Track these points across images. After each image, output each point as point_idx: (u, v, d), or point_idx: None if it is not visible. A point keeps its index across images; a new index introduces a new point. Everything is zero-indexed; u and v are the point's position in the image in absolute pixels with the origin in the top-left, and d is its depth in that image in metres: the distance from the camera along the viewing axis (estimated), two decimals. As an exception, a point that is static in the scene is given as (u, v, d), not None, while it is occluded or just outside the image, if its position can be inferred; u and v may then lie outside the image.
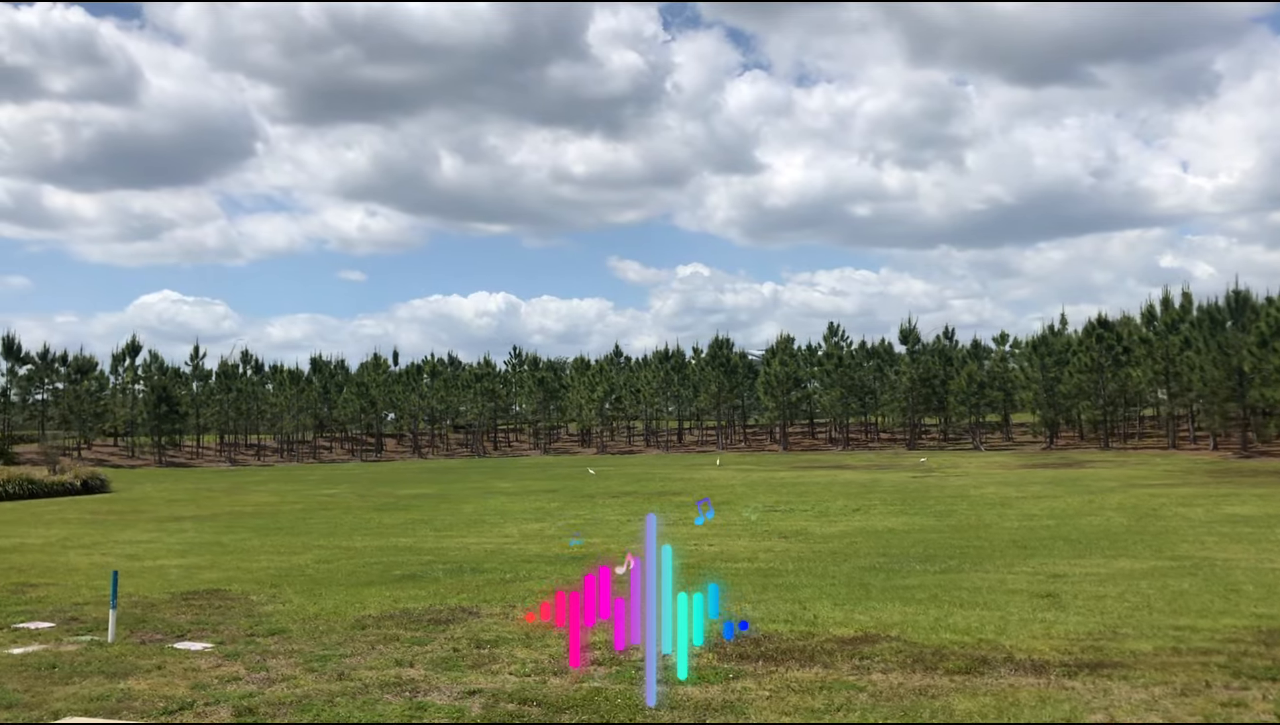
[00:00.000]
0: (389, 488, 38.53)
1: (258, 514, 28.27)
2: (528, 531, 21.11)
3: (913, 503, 24.81)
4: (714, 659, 8.06)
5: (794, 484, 33.06)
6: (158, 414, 64.44)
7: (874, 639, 8.66)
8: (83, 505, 33.37)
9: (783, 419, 64.80)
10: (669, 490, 31.76)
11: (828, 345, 71.38)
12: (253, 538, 21.32)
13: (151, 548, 19.81)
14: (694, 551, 16.50)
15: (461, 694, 7.18)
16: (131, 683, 7.76)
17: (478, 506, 28.24)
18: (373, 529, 22.62)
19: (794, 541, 17.66)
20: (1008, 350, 67.09)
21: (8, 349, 64.32)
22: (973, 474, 36.06)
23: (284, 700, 7.10)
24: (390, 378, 75.20)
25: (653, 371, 69.83)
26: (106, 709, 7.04)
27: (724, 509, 24.89)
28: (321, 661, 8.38)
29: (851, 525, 20.07)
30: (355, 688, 7.40)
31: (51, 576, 15.39)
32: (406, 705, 6.89)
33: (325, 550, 18.42)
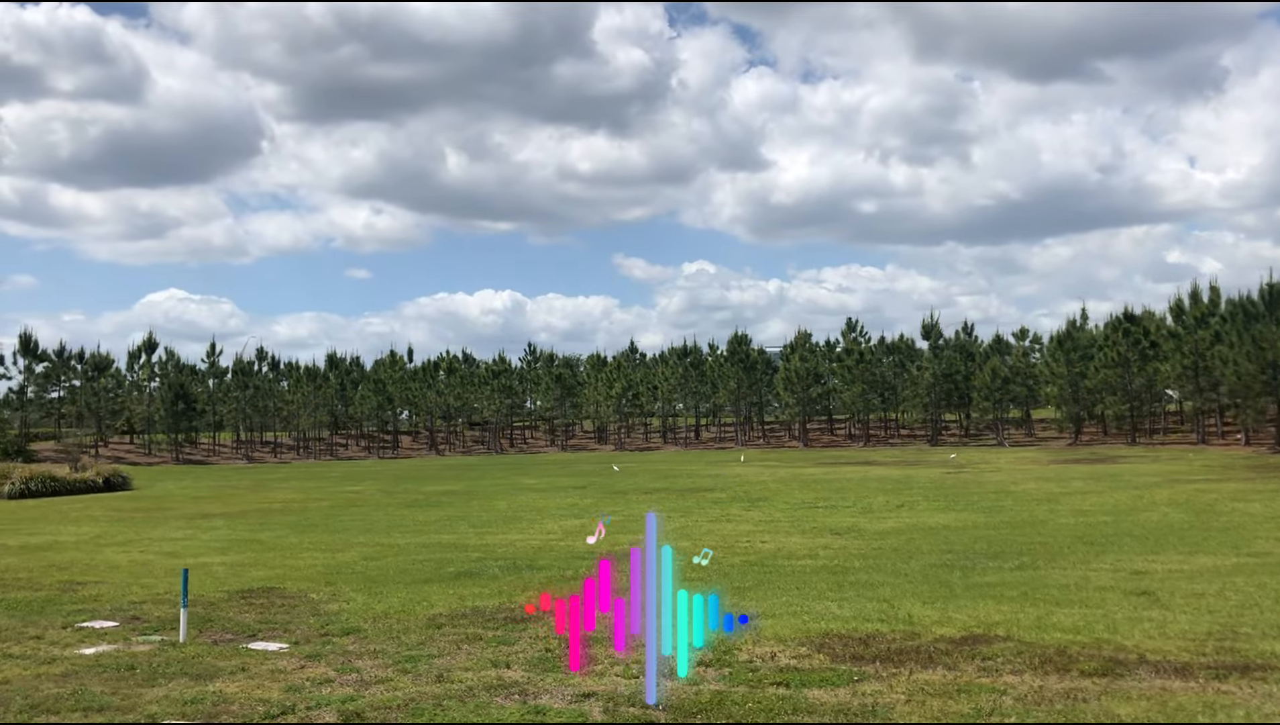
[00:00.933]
0: (414, 484, 38.21)
1: (286, 511, 27.96)
2: (568, 528, 20.75)
3: (956, 499, 24.41)
4: (827, 659, 7.68)
5: (826, 480, 32.66)
6: (175, 411, 64.21)
7: (985, 639, 8.27)
8: (107, 503, 33.12)
9: (803, 415, 64.34)
10: (700, 487, 31.39)
11: (846, 341, 70.91)
12: (290, 535, 21.02)
13: (189, 545, 19.51)
14: (749, 548, 16.13)
15: (574, 697, 6.83)
16: (219, 685, 7.41)
17: (510, 503, 27.90)
18: (410, 526, 22.30)
19: (848, 538, 17.28)
20: (1027, 345, 66.58)
21: (24, 346, 64.15)
22: (1005, 470, 35.62)
23: (389, 704, 6.75)
24: (406, 375, 74.91)
25: (670, 368, 69.38)
26: (203, 712, 6.70)
27: (761, 505, 24.52)
28: (411, 662, 8.03)
29: (901, 522, 19.68)
30: (460, 690, 7.05)
31: (95, 574, 15.09)
32: (522, 709, 6.54)
33: (368, 547, 18.09)
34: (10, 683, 7.75)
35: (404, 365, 76.94)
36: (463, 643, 8.88)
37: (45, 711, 6.84)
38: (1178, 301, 51.94)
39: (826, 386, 64.05)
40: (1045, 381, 57.01)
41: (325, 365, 74.88)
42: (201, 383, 69.59)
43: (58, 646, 9.22)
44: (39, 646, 9.22)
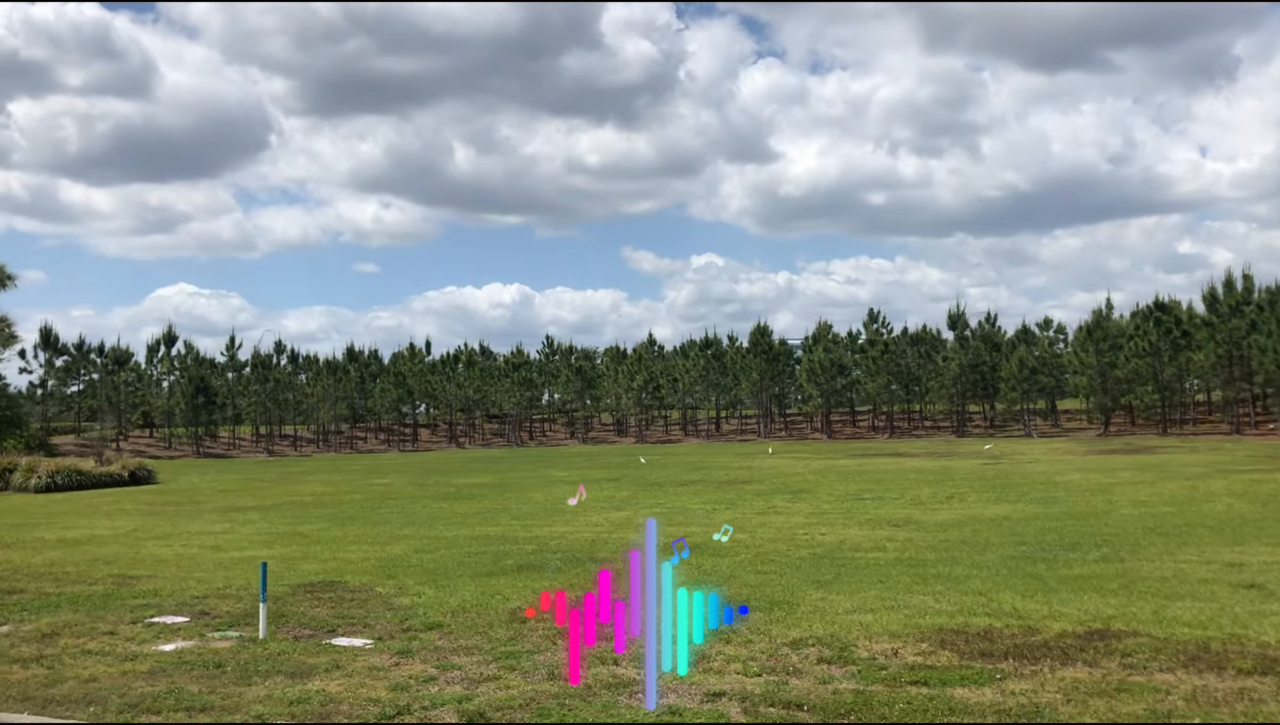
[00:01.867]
0: (442, 477, 37.90)
1: (319, 504, 27.66)
2: (615, 520, 20.39)
3: (1005, 490, 23.97)
4: (954, 656, 7.30)
5: (863, 472, 32.24)
6: (195, 405, 64.05)
7: (1110, 635, 7.89)
8: (136, 496, 32.86)
9: (826, 407, 63.89)
10: (736, 479, 31.00)
11: (868, 332, 70.43)
12: (331, 528, 20.70)
13: (231, 539, 19.21)
14: (810, 540, 15.74)
15: (704, 696, 6.47)
16: (319, 684, 7.07)
17: (546, 495, 27.56)
18: (451, 518, 21.96)
19: (908, 530, 16.86)
20: (1051, 335, 66.01)
21: (45, 340, 64.04)
22: (1043, 460, 35.16)
23: (508, 703, 6.41)
24: (425, 368, 74.66)
25: (691, 360, 68.99)
26: (312, 712, 6.36)
27: (804, 497, 24.12)
28: (513, 658, 7.70)
29: (956, 514, 19.26)
30: (577, 689, 6.69)
31: (144, 568, 14.79)
32: (654, 709, 6.16)
33: (416, 540, 17.75)
34: (98, 680, 7.43)
35: (423, 358, 76.69)
36: (555, 637, 8.52)
37: (146, 711, 6.51)
38: (1210, 290, 51.30)
39: (850, 378, 63.52)
40: (1074, 372, 56.40)
41: (344, 358, 74.68)
42: (220, 376, 69.43)
43: (134, 643, 8.91)
44: (115, 643, 8.90)
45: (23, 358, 64.42)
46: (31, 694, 7.07)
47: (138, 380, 67.11)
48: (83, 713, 6.51)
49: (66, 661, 8.09)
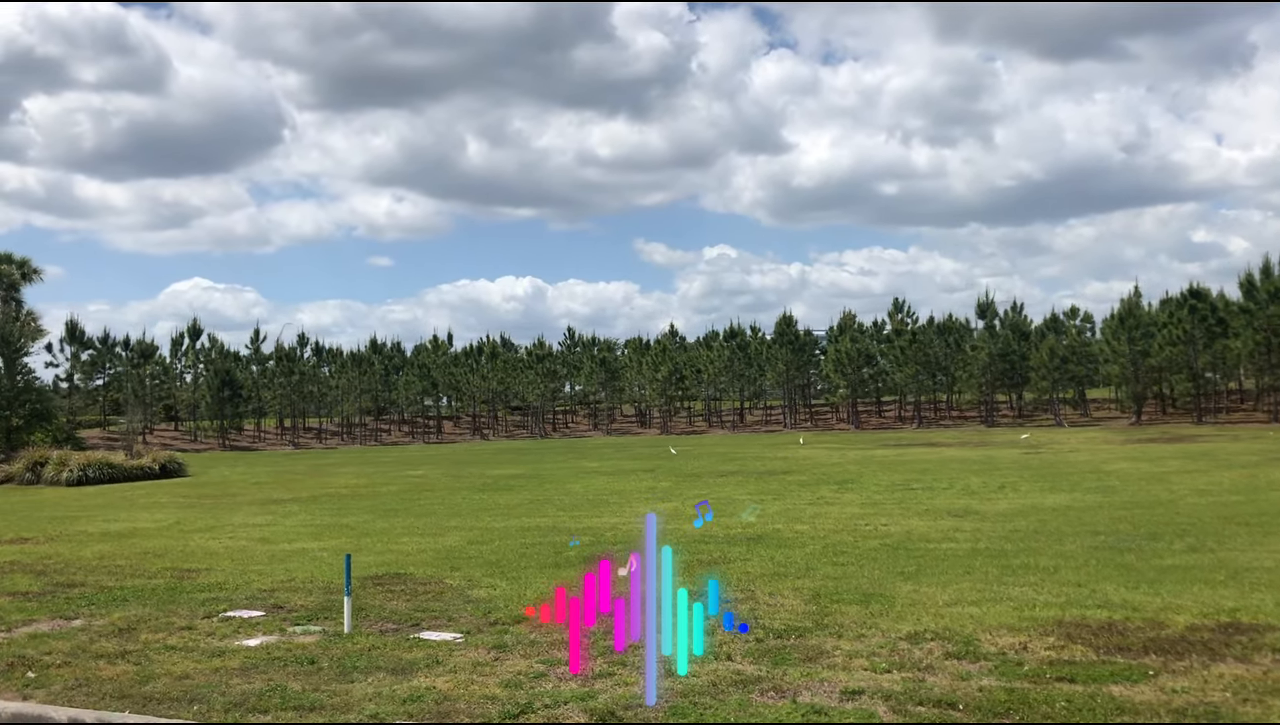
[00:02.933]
0: (474, 468, 37.67)
1: (356, 496, 27.44)
2: (662, 511, 20.07)
3: (1056, 479, 23.56)
4: (1089, 651, 6.95)
5: (903, 462, 31.85)
6: (221, 398, 64.03)
7: (1245, 628, 7.55)
8: (169, 489, 32.73)
9: (853, 397, 63.44)
10: (774, 469, 30.65)
11: (893, 322, 69.89)
12: (375, 519, 20.46)
13: (277, 531, 18.98)
14: (874, 531, 15.37)
15: (841, 694, 6.16)
16: (425, 680, 6.78)
17: (585, 486, 27.27)
18: (496, 509, 21.69)
19: (970, 520, 16.49)
20: (1078, 324, 65.34)
21: (70, 333, 64.08)
22: (1084, 449, 34.68)
23: (634, 700, 6.09)
24: (448, 360, 74.51)
25: (716, 351, 68.57)
26: (429, 711, 6.07)
27: (851, 487, 23.76)
28: (615, 652, 7.34)
29: (1015, 503, 18.86)
30: (700, 686, 6.39)
31: (198, 561, 14.57)
32: (793, 708, 5.87)
33: (467, 532, 17.48)
34: (191, 677, 7.15)
35: (446, 350, 76.53)
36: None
37: (253, 710, 6.23)
38: (1248, 276, 50.61)
39: (877, 368, 62.98)
40: (1105, 360, 55.73)
41: (368, 350, 74.60)
42: (245, 369, 69.42)
43: (215, 638, 8.64)
44: (195, 638, 8.64)
45: (49, 352, 64.59)
46: (127, 691, 6.79)
47: (163, 373, 67.13)
48: (187, 711, 6.24)
49: (153, 657, 7.83)
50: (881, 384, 64.75)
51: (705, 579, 11.25)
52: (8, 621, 9.74)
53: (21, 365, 48.40)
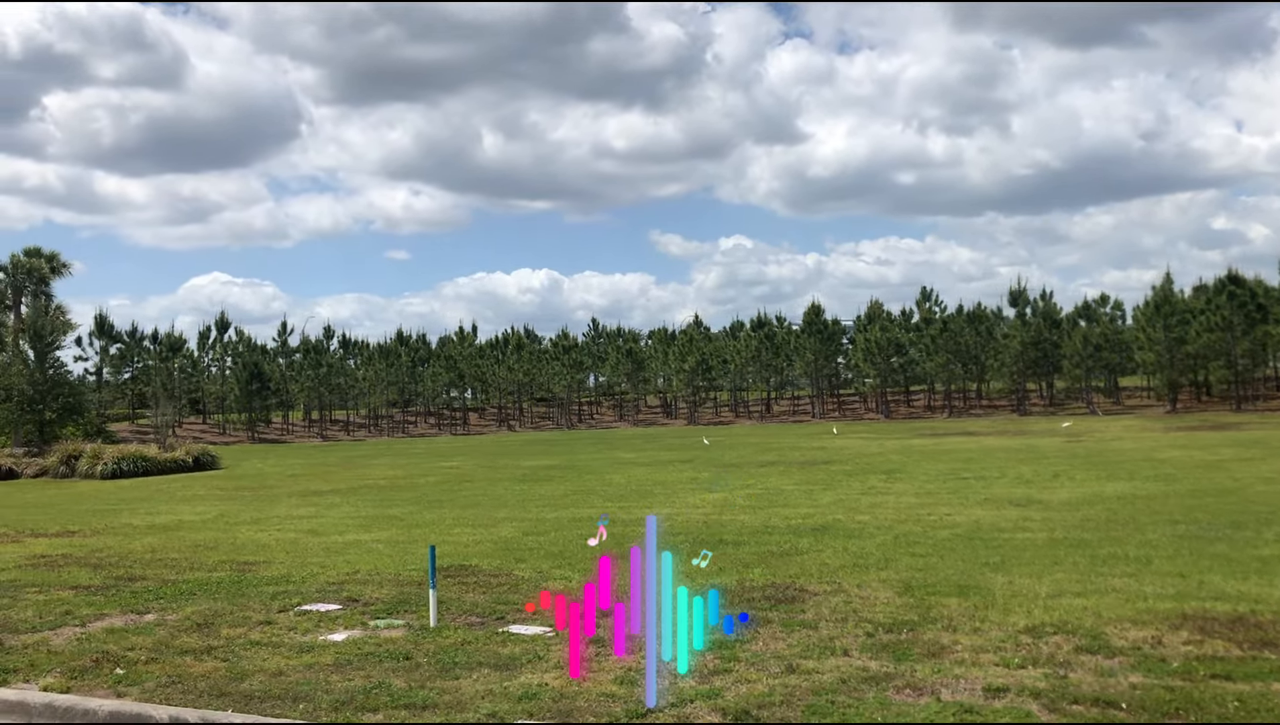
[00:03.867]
0: (508, 460, 37.46)
1: (396, 487, 27.25)
2: (713, 502, 19.78)
3: (1110, 468, 23.12)
4: (1230, 646, 6.61)
5: (945, 451, 31.44)
6: (249, 391, 64.08)
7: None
8: (205, 482, 32.65)
9: (884, 386, 62.95)
10: (814, 459, 30.29)
11: (921, 311, 69.32)
12: (421, 511, 20.25)
13: (325, 523, 18.79)
14: (939, 521, 15.02)
15: (984, 691, 5.83)
16: (532, 677, 6.52)
17: (625, 477, 26.99)
18: (541, 500, 21.43)
19: (1037, 509, 16.11)
20: (1109, 311, 64.57)
21: (100, 327, 64.25)
22: (1127, 438, 34.17)
23: (765, 699, 5.84)
24: (473, 352, 74.39)
25: (743, 341, 68.18)
26: (549, 710, 5.81)
27: (899, 477, 23.39)
28: (724, 647, 7.07)
29: (1077, 493, 18.46)
30: (828, 683, 6.09)
31: (252, 553, 14.38)
32: (940, 707, 5.56)
33: (520, 523, 17.23)
34: (286, 674, 6.90)
35: (471, 342, 76.41)
36: (756, 624, 7.91)
37: (361, 709, 5.97)
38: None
39: (907, 357, 62.43)
40: (1140, 348, 55.00)
41: (394, 342, 74.58)
42: (272, 362, 69.47)
43: (297, 632, 8.39)
44: (277, 633, 8.40)
45: (78, 345, 64.79)
46: (223, 689, 6.55)
47: (192, 367, 67.25)
48: (293, 710, 5.98)
49: (241, 654, 7.58)
50: (907, 374, 64.18)
51: (776, 570, 10.98)
52: (79, 615, 9.53)
53: (53, 359, 48.52)
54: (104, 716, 6.19)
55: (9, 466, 39.22)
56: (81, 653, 7.80)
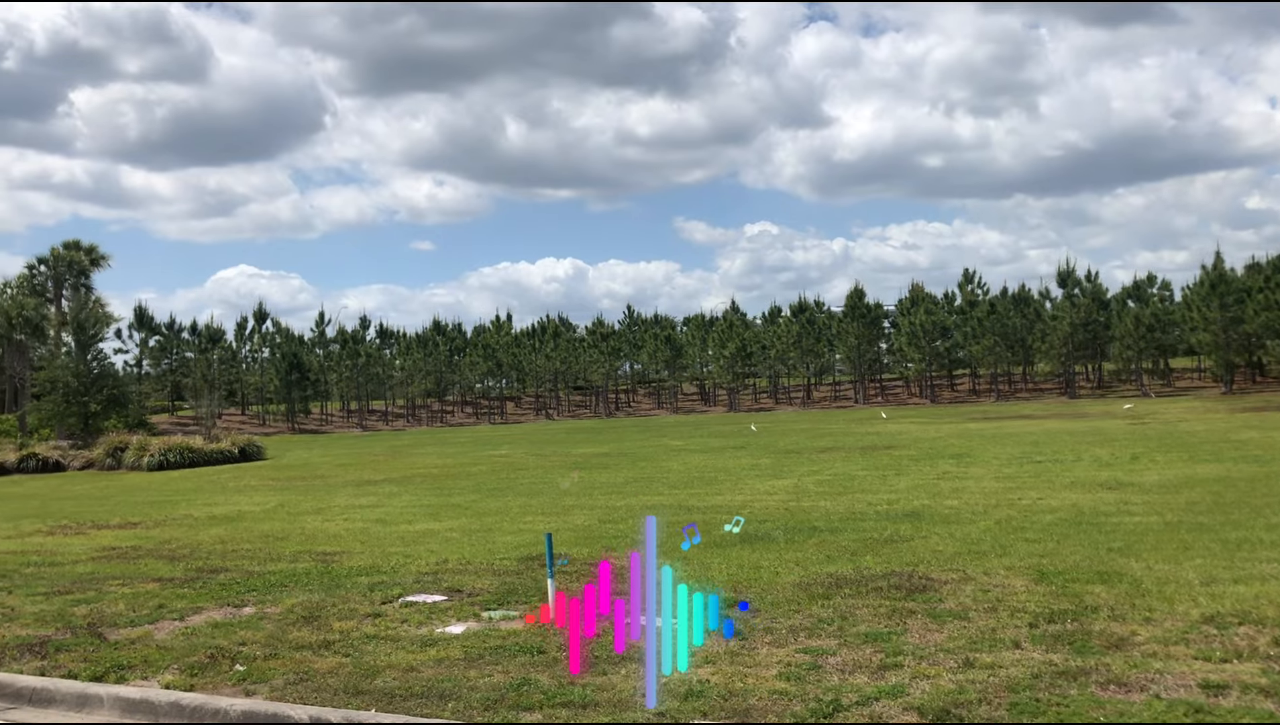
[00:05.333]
0: (555, 448, 37.12)
1: (448, 476, 26.94)
2: (783, 487, 19.30)
3: (1190, 450, 22.43)
4: None
5: (1006, 435, 30.77)
6: (289, 381, 64.12)
7: None
8: (253, 472, 32.50)
9: (929, 371, 62.11)
10: (874, 444, 29.71)
11: (963, 294, 68.36)
12: (484, 499, 19.90)
13: (388, 512, 18.47)
14: (1036, 506, 14.45)
15: (1201, 688, 5.33)
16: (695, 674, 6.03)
17: (683, 464, 26.53)
18: (604, 488, 21.01)
19: (1132, 492, 15.52)
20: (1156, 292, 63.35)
21: (139, 319, 64.46)
22: (1192, 419, 33.35)
23: (959, 698, 5.32)
24: (509, 340, 74.18)
25: (783, 326, 67.51)
26: (723, 708, 5.41)
27: (970, 461, 22.79)
28: (881, 639, 6.60)
29: (1167, 475, 17.83)
30: (1019, 678, 5.60)
31: (328, 543, 14.06)
32: (1163, 706, 5.07)
33: (592, 511, 16.82)
34: (418, 670, 6.50)
35: (508, 331, 76.17)
36: (897, 615, 7.45)
37: (515, 708, 5.56)
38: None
39: (952, 340, 61.50)
40: (1192, 328, 53.84)
41: (431, 331, 74.49)
42: (310, 352, 69.52)
43: (410, 625, 8.01)
44: (389, 625, 8.01)
45: (118, 337, 65.04)
46: (359, 686, 6.15)
47: (232, 358, 67.42)
48: (442, 710, 5.57)
49: (362, 648, 7.19)
50: (951, 357, 63.27)
51: (888, 558, 10.48)
52: (173, 609, 9.19)
53: (96, 351, 48.64)
54: (236, 716, 5.80)
55: (55, 458, 39.29)
56: (192, 648, 7.43)
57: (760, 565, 10.12)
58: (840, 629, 7.10)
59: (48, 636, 8.24)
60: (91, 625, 8.61)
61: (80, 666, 7.06)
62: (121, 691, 6.33)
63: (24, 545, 15.51)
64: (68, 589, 10.80)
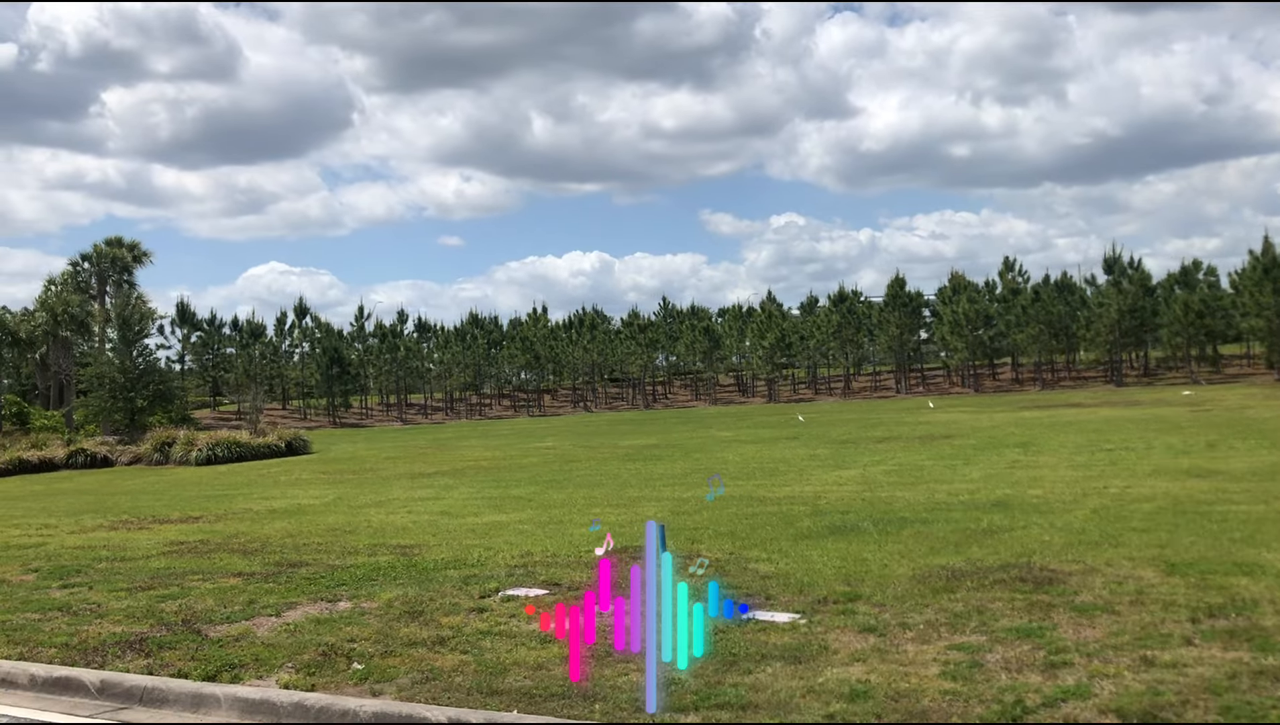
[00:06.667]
0: (601, 439, 36.82)
1: (501, 468, 26.71)
2: (849, 478, 18.90)
3: (1271, 436, 21.82)
4: None
5: (1064, 423, 30.17)
6: (330, 375, 64.26)
7: None
8: (303, 466, 32.42)
9: (972, 360, 61.31)
10: (932, 434, 29.21)
11: (1003, 282, 67.48)
12: (544, 491, 19.61)
13: (450, 504, 18.23)
14: (1126, 494, 13.97)
15: None
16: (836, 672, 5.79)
17: (739, 455, 26.17)
18: (664, 480, 20.67)
19: (1224, 480, 15.00)
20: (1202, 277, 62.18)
21: (181, 315, 64.81)
22: (1255, 406, 32.59)
23: (1158, 696, 4.92)
24: (546, 333, 74.01)
25: (823, 316, 66.90)
26: (894, 710, 5.04)
27: (1036, 450, 22.29)
28: (1033, 634, 6.21)
29: (1253, 462, 17.30)
30: (1214, 678, 5.20)
31: (400, 536, 13.80)
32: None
33: (659, 503, 16.49)
34: (547, 668, 6.19)
35: (545, 323, 76.03)
36: (1036, 609, 7.06)
37: (695, 709, 5.18)
38: None
39: (995, 329, 60.63)
40: (1244, 314, 52.76)
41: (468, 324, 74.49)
42: (349, 347, 69.68)
43: (520, 620, 7.76)
44: (499, 621, 7.87)
45: (160, 333, 65.40)
46: (490, 686, 5.86)
47: (274, 353, 67.66)
48: (590, 711, 5.25)
49: (478, 644, 6.90)
50: (992, 346, 62.40)
51: (995, 549, 10.08)
52: (266, 604, 8.94)
53: (141, 346, 48.86)
54: (368, 717, 5.51)
55: (103, 454, 39.45)
56: (300, 646, 7.16)
57: (864, 558, 9.75)
58: (983, 624, 6.73)
59: (144, 633, 8.01)
60: (187, 622, 8.37)
61: (189, 665, 6.81)
62: (239, 692, 6.06)
63: (90, 540, 15.38)
64: (148, 584, 10.60)
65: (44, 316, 54.81)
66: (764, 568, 9.54)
